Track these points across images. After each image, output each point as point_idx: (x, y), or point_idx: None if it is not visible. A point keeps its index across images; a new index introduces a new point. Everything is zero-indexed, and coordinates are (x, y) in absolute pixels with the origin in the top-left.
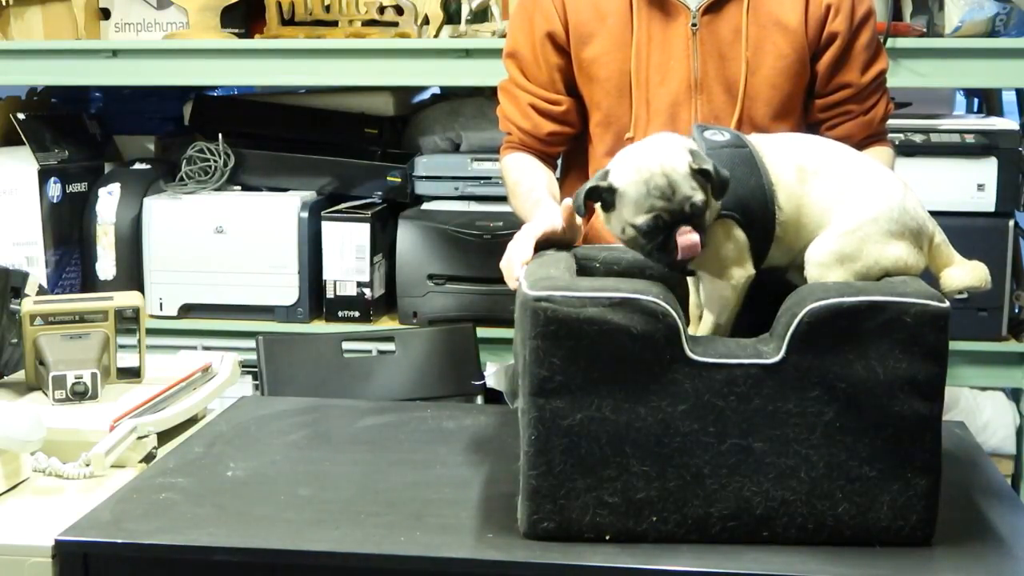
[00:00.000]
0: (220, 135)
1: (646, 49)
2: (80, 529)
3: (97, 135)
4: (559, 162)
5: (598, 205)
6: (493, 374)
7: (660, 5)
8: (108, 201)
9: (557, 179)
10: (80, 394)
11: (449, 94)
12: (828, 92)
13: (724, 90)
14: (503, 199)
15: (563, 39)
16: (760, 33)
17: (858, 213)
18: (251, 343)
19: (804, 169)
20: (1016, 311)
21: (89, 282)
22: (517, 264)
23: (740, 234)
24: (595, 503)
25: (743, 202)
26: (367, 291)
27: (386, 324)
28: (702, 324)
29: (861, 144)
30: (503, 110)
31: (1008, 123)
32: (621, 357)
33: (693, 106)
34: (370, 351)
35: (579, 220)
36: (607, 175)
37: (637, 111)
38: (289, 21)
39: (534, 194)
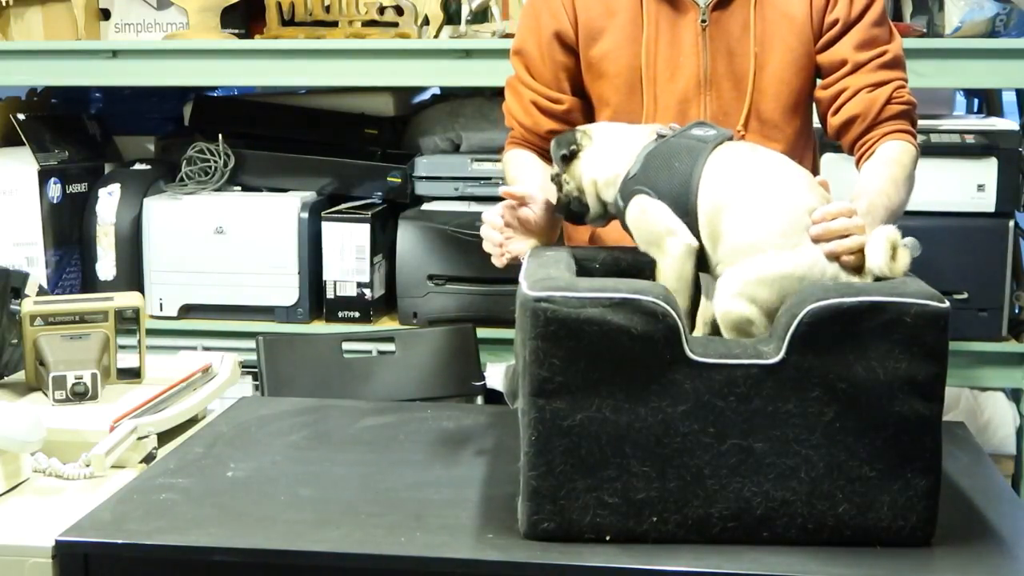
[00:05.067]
0: (220, 135)
1: (655, 45)
2: (80, 529)
3: (97, 135)
4: None
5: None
6: (494, 374)
7: (669, 1)
8: (108, 201)
9: None
10: (80, 394)
11: (449, 94)
12: (828, 72)
13: (733, 86)
14: (503, 200)
15: (571, 38)
16: (768, 28)
17: (772, 264)
18: (251, 343)
19: (748, 191)
20: (1016, 311)
21: (89, 282)
22: (493, 220)
23: (653, 204)
24: (595, 503)
25: (659, 183)
26: (367, 291)
27: (386, 324)
28: None
29: (870, 128)
30: (507, 105)
31: (1008, 123)
32: (621, 357)
33: (702, 102)
34: (370, 351)
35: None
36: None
37: (647, 107)
38: (289, 22)
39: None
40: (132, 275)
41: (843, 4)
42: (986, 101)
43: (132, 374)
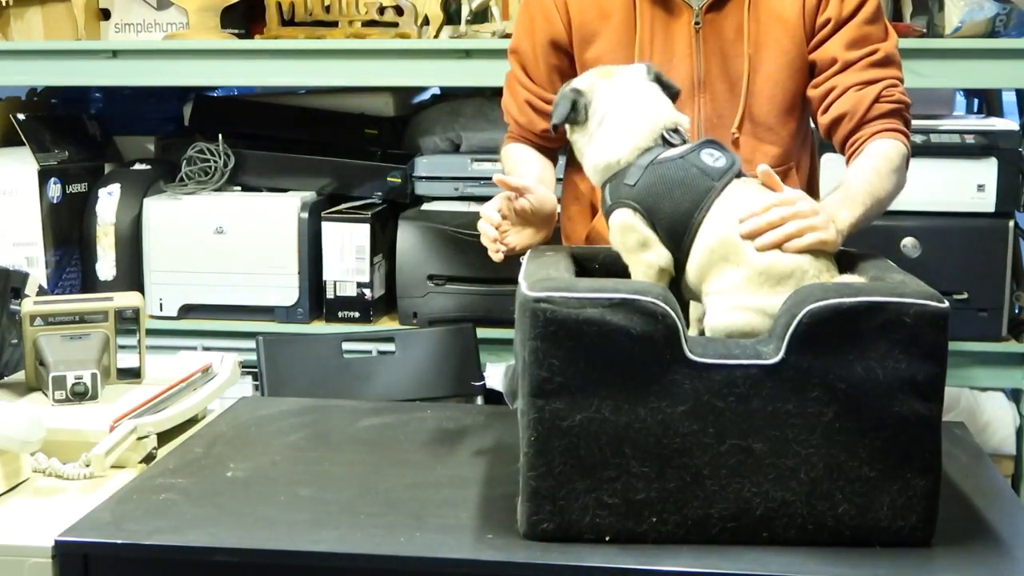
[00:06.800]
0: (220, 135)
1: (649, 48)
2: (80, 530)
3: (97, 135)
4: (564, 159)
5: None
6: (494, 374)
7: (663, 4)
8: (108, 202)
9: (559, 178)
10: (80, 394)
11: (449, 94)
12: (819, 71)
13: (727, 88)
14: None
15: (565, 41)
16: (761, 30)
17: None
18: (251, 343)
19: (746, 252)
20: (1016, 311)
21: (89, 282)
22: (489, 215)
23: (640, 224)
24: (595, 504)
25: (658, 212)
26: (367, 291)
27: (386, 325)
28: None
29: (858, 127)
30: (504, 102)
31: (1008, 123)
32: (620, 358)
33: (696, 104)
34: (370, 352)
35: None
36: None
37: None
38: (289, 22)
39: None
40: (132, 275)
41: (835, 3)
42: (986, 101)
43: (132, 374)
